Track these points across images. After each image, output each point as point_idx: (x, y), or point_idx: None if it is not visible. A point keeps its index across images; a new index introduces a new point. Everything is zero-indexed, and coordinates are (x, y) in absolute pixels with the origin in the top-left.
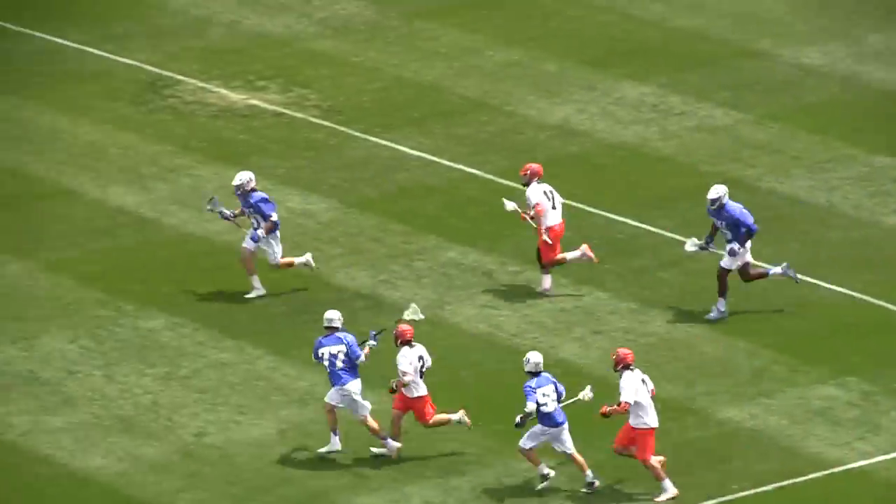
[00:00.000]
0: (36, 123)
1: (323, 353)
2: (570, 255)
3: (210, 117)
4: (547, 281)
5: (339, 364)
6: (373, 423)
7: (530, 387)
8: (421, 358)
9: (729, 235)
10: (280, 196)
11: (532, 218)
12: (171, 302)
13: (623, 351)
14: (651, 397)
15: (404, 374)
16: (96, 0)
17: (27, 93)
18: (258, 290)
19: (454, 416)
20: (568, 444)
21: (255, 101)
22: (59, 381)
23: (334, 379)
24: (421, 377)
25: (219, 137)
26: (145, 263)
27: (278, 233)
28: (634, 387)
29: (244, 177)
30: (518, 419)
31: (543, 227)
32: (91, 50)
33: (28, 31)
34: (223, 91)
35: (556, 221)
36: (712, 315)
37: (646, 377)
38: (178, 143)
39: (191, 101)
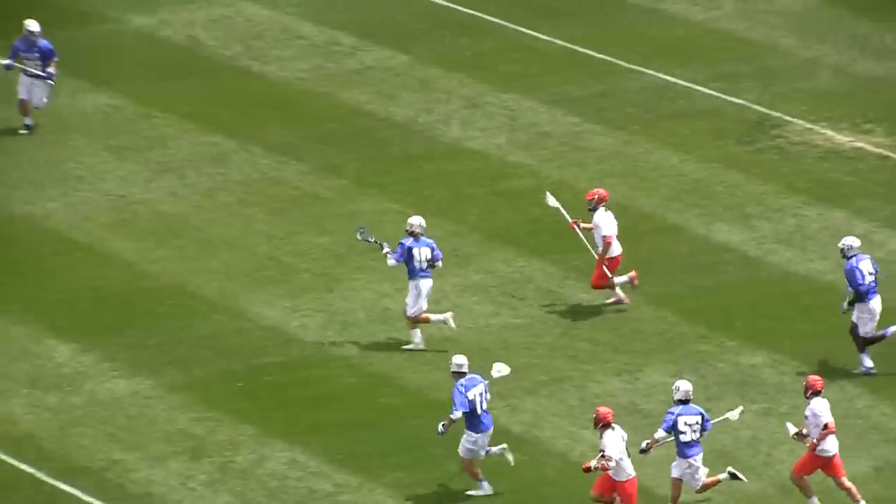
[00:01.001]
0: (645, 159)
1: None
2: (618, 280)
3: (816, 159)
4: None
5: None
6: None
7: (672, 413)
8: (623, 438)
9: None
10: (882, 238)
11: (594, 239)
12: (771, 339)
13: (813, 378)
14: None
15: (610, 458)
16: (704, 41)
17: (633, 128)
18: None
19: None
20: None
21: (860, 144)
22: (660, 413)
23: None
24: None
25: (824, 179)
26: (748, 300)
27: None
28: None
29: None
30: (644, 445)
31: (607, 256)
32: (700, 88)
33: (638, 67)
34: (829, 133)
35: (619, 252)
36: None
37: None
38: (783, 183)
39: (797, 141)
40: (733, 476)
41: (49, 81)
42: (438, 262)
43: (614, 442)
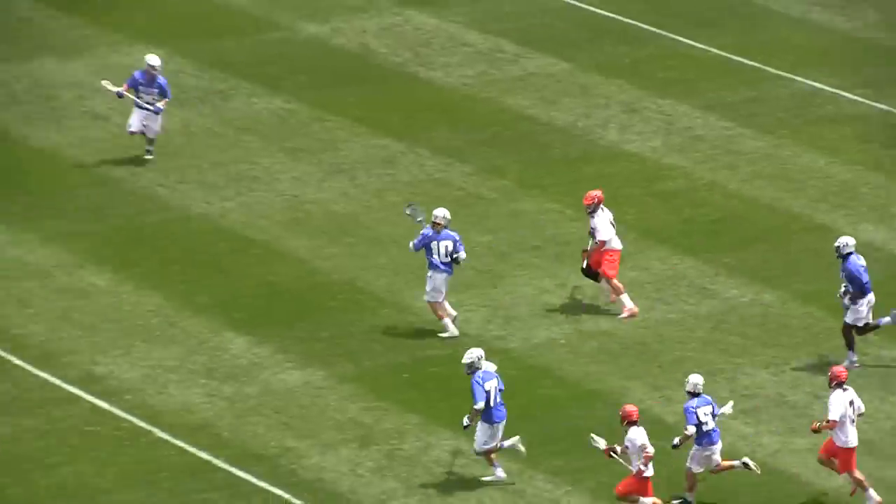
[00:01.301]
0: (793, 162)
1: None
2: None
3: None
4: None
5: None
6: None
7: (690, 407)
8: (853, 403)
9: (849, 288)
10: None
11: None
12: None
13: (838, 369)
14: (857, 416)
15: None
16: (849, 48)
17: (783, 132)
18: None
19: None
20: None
21: None
22: (805, 404)
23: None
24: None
25: None
26: (891, 297)
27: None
28: (843, 405)
29: None
30: (676, 441)
31: (606, 248)
32: (846, 94)
33: (787, 74)
34: None
35: (620, 246)
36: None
37: (855, 397)
38: None
39: None
40: (746, 466)
41: (157, 113)
42: (461, 254)
43: (643, 437)
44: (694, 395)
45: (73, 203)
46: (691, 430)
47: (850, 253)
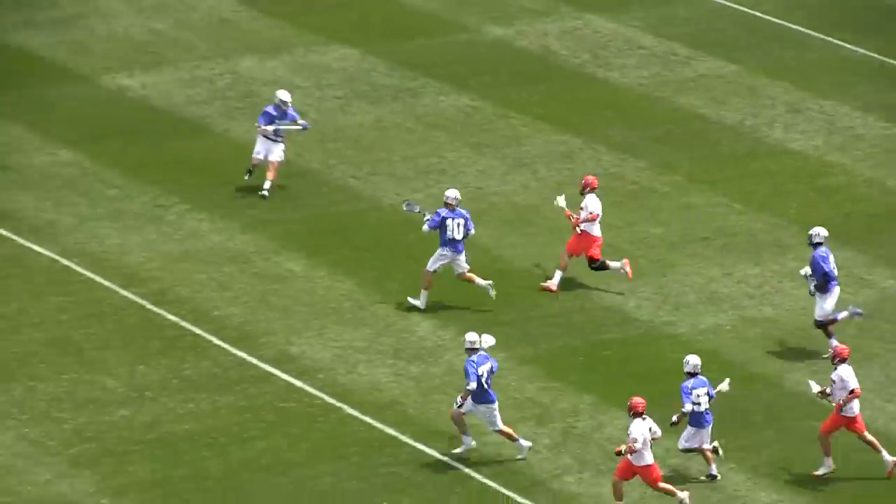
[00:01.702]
0: None
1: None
2: (611, 264)
3: None
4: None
5: None
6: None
7: (687, 387)
8: (651, 429)
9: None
10: None
11: (581, 221)
12: None
13: (840, 346)
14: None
15: (635, 440)
16: None
17: None
18: None
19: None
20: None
21: None
22: None
23: None
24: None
25: None
26: None
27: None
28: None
29: None
30: (674, 418)
31: (592, 234)
32: None
33: None
34: None
35: (600, 234)
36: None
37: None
38: None
39: None
40: (715, 451)
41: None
42: (471, 230)
43: (640, 429)
44: (692, 375)
45: (271, 193)
46: (687, 407)
47: (819, 244)
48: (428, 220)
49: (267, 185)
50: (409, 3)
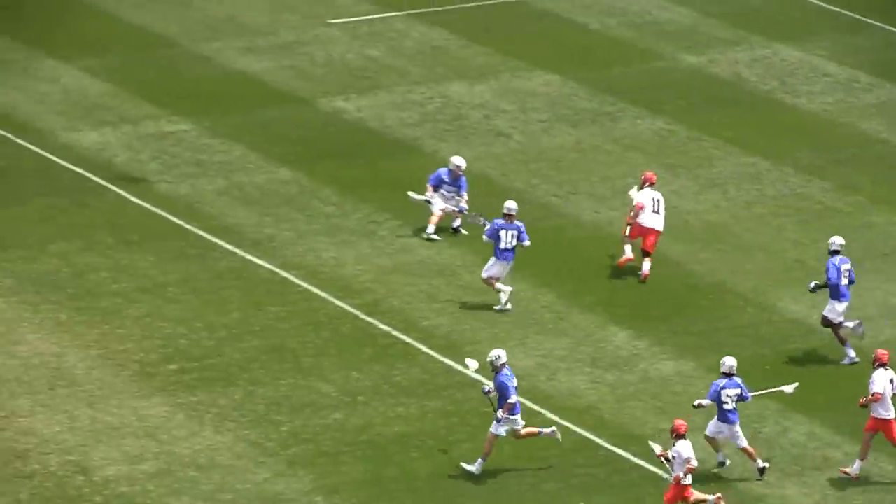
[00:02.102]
0: None
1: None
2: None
3: None
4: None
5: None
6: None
7: (717, 385)
8: (892, 381)
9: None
10: None
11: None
12: None
13: (881, 351)
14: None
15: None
16: None
17: None
18: None
19: None
20: (741, 440)
21: None
22: None
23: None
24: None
25: None
26: None
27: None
28: (883, 383)
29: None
30: (696, 403)
31: (637, 221)
32: None
33: None
34: None
35: (650, 224)
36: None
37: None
38: None
39: None
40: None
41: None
42: (525, 241)
43: (689, 449)
44: (727, 375)
45: (476, 209)
46: (706, 403)
47: (836, 251)
48: (488, 227)
49: (431, 228)
50: (609, 34)
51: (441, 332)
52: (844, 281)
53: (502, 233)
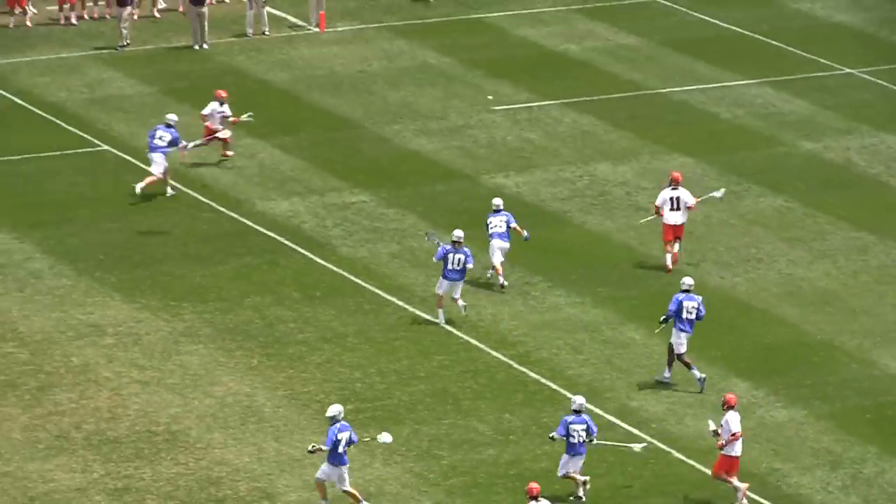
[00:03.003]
0: None
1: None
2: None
3: None
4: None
5: None
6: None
7: (566, 421)
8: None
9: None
10: None
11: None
12: None
13: (730, 395)
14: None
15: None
16: None
17: None
18: None
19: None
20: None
21: None
22: None
23: None
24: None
25: None
26: None
27: None
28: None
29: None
30: (551, 435)
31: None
32: None
33: None
34: None
35: (674, 222)
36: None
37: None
38: None
39: None
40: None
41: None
42: (470, 264)
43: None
44: (576, 412)
45: (617, 273)
46: (555, 436)
47: (685, 290)
48: (439, 250)
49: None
50: (737, 122)
51: (583, 381)
52: (691, 316)
53: (450, 256)
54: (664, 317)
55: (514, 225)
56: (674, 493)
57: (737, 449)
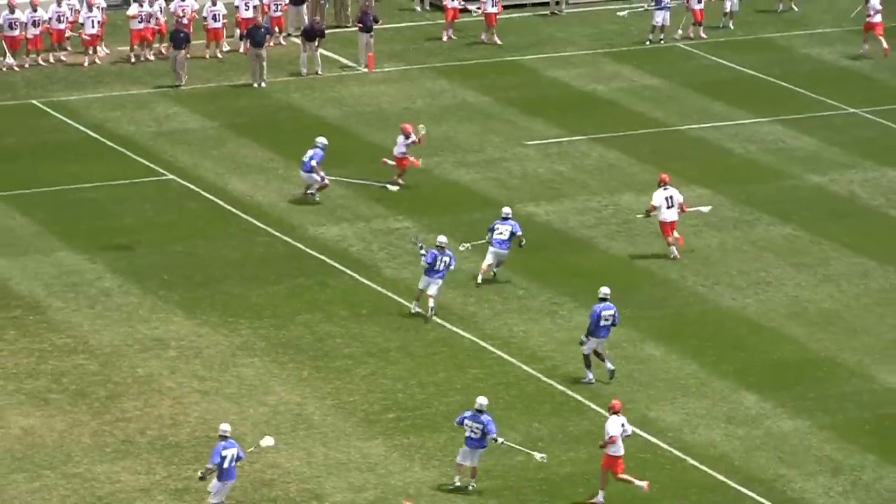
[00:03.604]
0: None
1: None
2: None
3: None
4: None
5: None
6: None
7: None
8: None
9: None
10: None
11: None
12: None
13: (615, 401)
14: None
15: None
16: None
17: None
18: None
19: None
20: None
21: None
22: None
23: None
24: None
25: None
26: None
27: None
28: (617, 428)
29: None
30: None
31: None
32: None
33: None
34: None
35: (670, 218)
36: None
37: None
38: None
39: None
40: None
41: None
42: (451, 267)
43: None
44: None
45: (639, 295)
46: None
47: (603, 299)
48: (424, 256)
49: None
50: (749, 157)
51: (606, 393)
52: (608, 323)
53: (437, 259)
54: (586, 332)
55: (519, 233)
56: (687, 495)
57: (615, 450)
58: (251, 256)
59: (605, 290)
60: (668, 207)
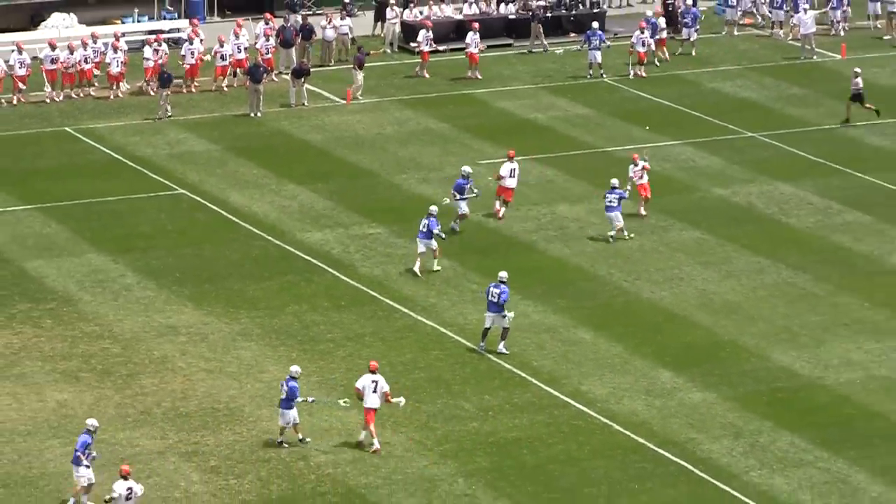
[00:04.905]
0: None
1: None
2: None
3: None
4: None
5: None
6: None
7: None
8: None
9: None
10: None
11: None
12: None
13: (372, 362)
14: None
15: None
16: None
17: None
18: None
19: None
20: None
21: None
22: None
23: None
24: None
25: None
26: None
27: None
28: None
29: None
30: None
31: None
32: None
33: None
34: None
35: (510, 186)
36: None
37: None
38: None
39: None
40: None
41: None
42: (434, 231)
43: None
44: (293, 378)
45: (571, 290)
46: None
47: (501, 282)
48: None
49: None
50: (664, 173)
51: (545, 370)
52: (494, 300)
53: (424, 221)
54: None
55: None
56: (613, 455)
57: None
58: (249, 257)
59: (502, 275)
60: (510, 177)
